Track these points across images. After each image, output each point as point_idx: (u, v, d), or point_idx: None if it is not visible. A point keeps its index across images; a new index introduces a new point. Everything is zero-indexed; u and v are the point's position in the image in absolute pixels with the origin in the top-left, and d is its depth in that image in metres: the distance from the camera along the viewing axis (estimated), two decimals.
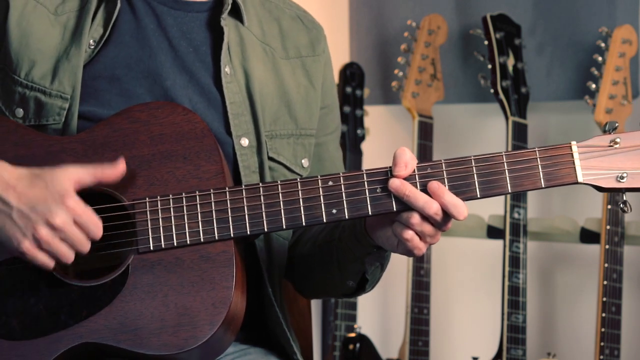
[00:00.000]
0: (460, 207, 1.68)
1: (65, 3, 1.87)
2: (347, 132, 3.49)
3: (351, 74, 3.53)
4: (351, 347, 3.36)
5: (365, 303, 3.65)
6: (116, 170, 1.70)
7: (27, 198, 1.67)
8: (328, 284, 1.93)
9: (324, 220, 1.72)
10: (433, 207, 1.68)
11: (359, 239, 1.79)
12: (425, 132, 3.36)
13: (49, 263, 1.68)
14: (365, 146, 3.55)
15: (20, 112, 1.83)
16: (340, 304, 3.43)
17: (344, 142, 3.48)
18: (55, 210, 1.66)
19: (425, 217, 1.69)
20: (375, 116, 3.69)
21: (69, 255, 1.68)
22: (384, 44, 3.64)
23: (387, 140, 3.72)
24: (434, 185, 1.69)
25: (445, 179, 1.71)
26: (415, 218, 1.69)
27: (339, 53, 3.70)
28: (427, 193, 1.69)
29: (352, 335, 3.37)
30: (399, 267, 3.54)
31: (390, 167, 1.71)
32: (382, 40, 3.65)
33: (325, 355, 3.55)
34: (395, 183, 1.70)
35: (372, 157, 3.57)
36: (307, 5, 2.26)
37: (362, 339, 3.38)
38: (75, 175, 1.68)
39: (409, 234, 1.70)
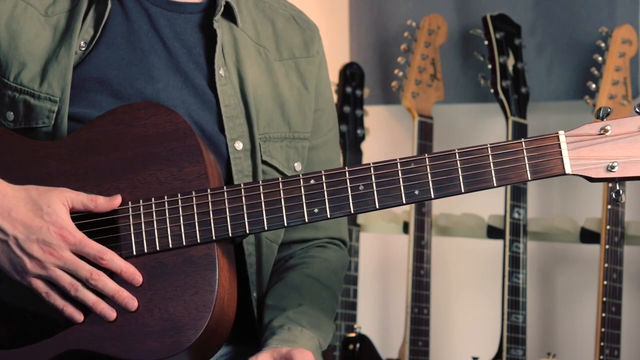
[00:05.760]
0: None
1: (56, 4, 1.86)
2: (347, 132, 3.49)
3: (351, 74, 3.53)
4: (351, 347, 3.35)
5: (365, 303, 3.65)
6: (109, 204, 1.72)
7: (23, 226, 1.68)
8: None
9: (306, 220, 1.70)
10: None
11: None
12: (425, 132, 3.36)
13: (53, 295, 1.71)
14: (365, 146, 3.54)
15: (10, 115, 1.83)
16: (340, 304, 3.43)
17: (344, 142, 3.48)
18: (50, 241, 1.68)
19: None
20: (375, 116, 3.68)
21: (73, 284, 1.69)
22: (384, 44, 3.64)
23: (387, 140, 3.72)
24: None
25: (429, 174, 1.68)
26: None
27: (339, 53, 3.70)
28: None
29: (352, 335, 3.36)
30: (399, 267, 3.54)
31: (372, 163, 1.69)
32: (382, 40, 3.65)
33: (325, 355, 3.55)
34: None
35: (372, 157, 3.56)
36: (306, 5, 2.25)
37: (362, 339, 3.37)
38: (69, 200, 1.70)
39: None
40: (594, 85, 3.08)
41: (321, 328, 1.86)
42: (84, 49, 1.84)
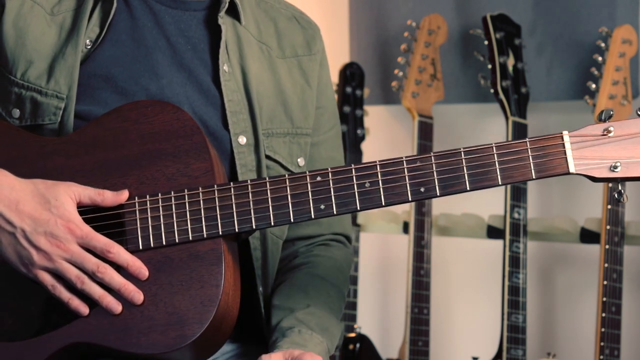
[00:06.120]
0: None
1: (62, 3, 1.88)
2: (347, 132, 3.49)
3: (351, 74, 3.53)
4: (351, 347, 3.36)
5: (365, 303, 3.65)
6: (116, 198, 1.73)
7: (31, 219, 1.68)
8: None
9: (313, 216, 1.72)
10: None
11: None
12: (425, 132, 3.36)
13: (57, 285, 1.71)
14: (365, 146, 3.55)
15: (16, 112, 1.84)
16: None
17: (344, 142, 3.48)
18: (57, 234, 1.68)
19: None
20: (375, 116, 3.69)
21: (79, 276, 1.70)
22: (384, 44, 3.64)
23: (387, 140, 3.72)
24: None
25: (435, 172, 1.70)
26: None
27: (339, 53, 3.70)
28: None
29: (352, 335, 3.37)
30: (399, 267, 3.54)
31: (378, 160, 1.70)
32: (382, 40, 3.65)
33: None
34: None
35: (372, 157, 3.56)
36: (306, 5, 2.26)
37: (362, 339, 3.37)
38: (77, 193, 1.71)
39: None
40: (594, 85, 3.09)
41: (329, 330, 1.86)
42: (89, 47, 1.85)
